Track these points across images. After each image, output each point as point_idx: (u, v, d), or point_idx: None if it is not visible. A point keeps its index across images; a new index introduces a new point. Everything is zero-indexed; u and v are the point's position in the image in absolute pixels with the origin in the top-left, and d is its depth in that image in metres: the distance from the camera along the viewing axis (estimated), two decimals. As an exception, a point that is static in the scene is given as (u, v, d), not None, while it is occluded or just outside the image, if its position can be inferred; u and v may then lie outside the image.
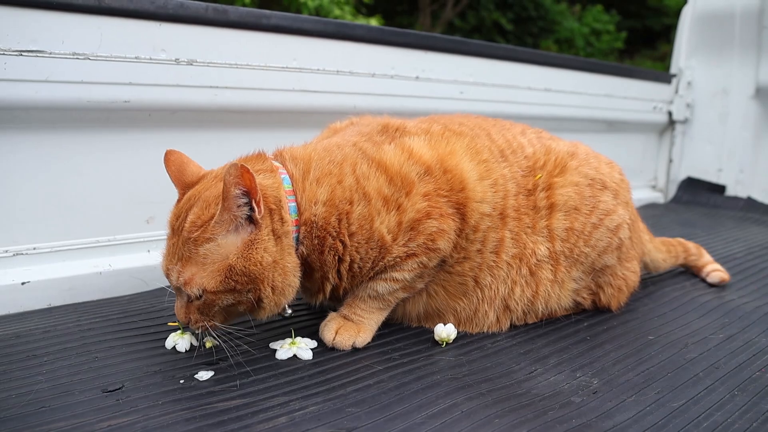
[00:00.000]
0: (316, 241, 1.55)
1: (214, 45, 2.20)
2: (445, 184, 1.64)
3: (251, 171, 1.36)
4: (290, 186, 1.56)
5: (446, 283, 1.75)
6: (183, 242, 1.43)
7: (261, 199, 1.40)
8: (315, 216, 1.54)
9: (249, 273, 1.42)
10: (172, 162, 1.59)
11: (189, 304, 1.48)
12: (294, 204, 1.54)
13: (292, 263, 1.51)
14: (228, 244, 1.42)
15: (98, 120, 2.06)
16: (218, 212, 1.40)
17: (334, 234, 1.55)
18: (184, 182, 1.58)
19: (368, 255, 1.59)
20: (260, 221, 1.42)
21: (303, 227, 1.54)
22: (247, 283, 1.43)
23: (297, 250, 1.54)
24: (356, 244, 1.57)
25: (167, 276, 1.48)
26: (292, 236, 1.52)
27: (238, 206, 1.40)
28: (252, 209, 1.41)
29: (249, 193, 1.39)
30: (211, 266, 1.42)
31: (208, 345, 1.61)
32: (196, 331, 1.53)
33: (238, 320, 1.57)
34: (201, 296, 1.44)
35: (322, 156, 1.63)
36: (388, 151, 1.65)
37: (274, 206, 1.48)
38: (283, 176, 1.57)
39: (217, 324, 1.50)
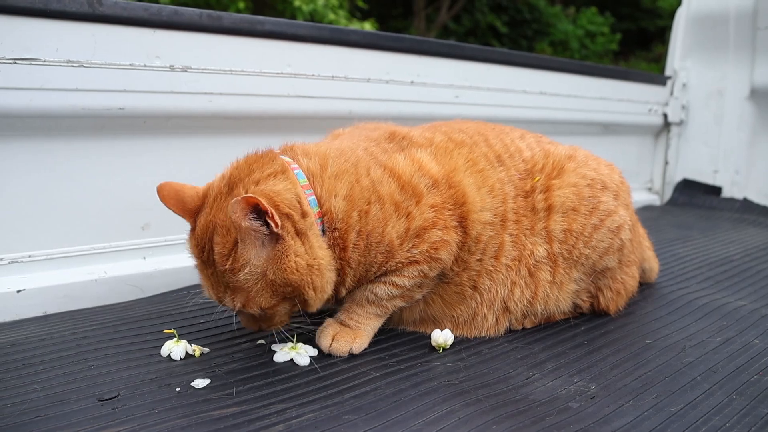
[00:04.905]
0: (336, 234, 1.54)
1: (209, 51, 2.20)
2: (450, 198, 1.65)
3: (253, 197, 1.34)
4: (305, 180, 1.56)
5: (443, 292, 1.75)
6: (221, 274, 1.45)
7: (274, 213, 1.37)
8: (335, 208, 1.55)
9: (290, 282, 1.44)
10: (167, 195, 1.56)
11: (253, 316, 1.54)
12: (313, 197, 1.54)
13: (326, 258, 1.51)
14: (261, 262, 1.43)
15: (93, 127, 2.06)
16: (239, 242, 1.40)
17: (358, 229, 1.56)
18: (189, 209, 1.55)
19: (376, 259, 1.60)
20: (281, 232, 1.41)
21: (324, 218, 1.54)
22: (293, 291, 1.47)
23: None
24: (369, 246, 1.58)
25: (221, 302, 1.50)
26: (318, 228, 1.52)
27: (255, 229, 1.39)
28: (269, 224, 1.39)
29: (260, 214, 1.38)
30: (255, 287, 1.44)
31: (197, 354, 1.61)
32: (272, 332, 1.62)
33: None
34: (263, 312, 1.50)
35: (336, 155, 1.64)
36: (399, 160, 1.67)
37: (289, 209, 1.46)
38: (296, 171, 1.56)
39: (286, 323, 1.59)
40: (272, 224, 1.38)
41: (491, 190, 1.72)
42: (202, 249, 1.48)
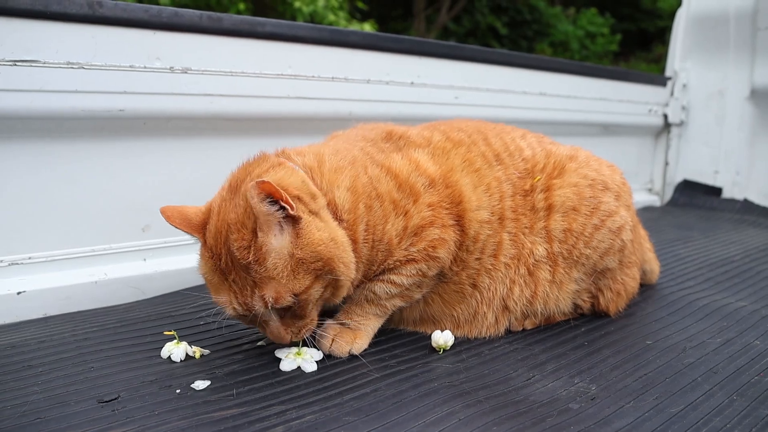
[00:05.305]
0: (344, 225, 1.53)
1: (209, 53, 2.20)
2: (446, 197, 1.66)
3: (266, 181, 1.34)
4: (304, 175, 1.55)
5: (443, 291, 1.75)
6: (245, 270, 1.40)
7: (286, 197, 1.37)
8: (340, 199, 1.54)
9: (320, 255, 1.42)
10: (172, 215, 1.54)
11: (282, 319, 1.48)
12: (315, 188, 1.54)
13: (344, 237, 1.50)
14: (284, 246, 1.40)
15: (93, 129, 2.06)
16: (258, 230, 1.38)
17: (366, 221, 1.55)
18: (196, 224, 1.53)
19: (377, 257, 1.60)
20: (297, 213, 1.40)
21: (329, 207, 1.53)
22: (323, 265, 1.43)
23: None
24: (374, 241, 1.58)
25: (250, 310, 1.43)
26: (328, 211, 1.52)
27: (272, 214, 1.37)
28: (284, 208, 1.38)
29: (274, 199, 1.37)
30: (285, 271, 1.40)
31: (197, 355, 1.61)
32: (306, 337, 1.54)
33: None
34: (296, 302, 1.44)
35: (332, 153, 1.64)
36: (396, 159, 1.68)
37: (298, 191, 1.46)
38: (293, 167, 1.56)
39: (316, 323, 1.54)
40: (287, 207, 1.37)
41: (488, 189, 1.73)
42: (219, 257, 1.44)
